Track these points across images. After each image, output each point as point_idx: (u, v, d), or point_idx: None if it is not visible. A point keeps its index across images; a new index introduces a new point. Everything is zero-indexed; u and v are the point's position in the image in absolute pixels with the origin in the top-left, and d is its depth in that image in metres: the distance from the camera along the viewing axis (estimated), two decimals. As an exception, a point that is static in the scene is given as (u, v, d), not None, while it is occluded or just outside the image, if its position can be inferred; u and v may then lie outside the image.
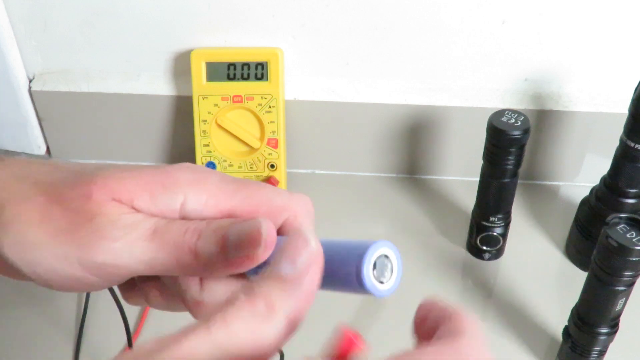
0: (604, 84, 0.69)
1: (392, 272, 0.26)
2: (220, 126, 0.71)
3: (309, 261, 0.26)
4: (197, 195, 0.31)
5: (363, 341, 0.25)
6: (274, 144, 0.71)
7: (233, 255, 0.29)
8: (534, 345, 0.58)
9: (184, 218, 0.31)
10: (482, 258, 0.66)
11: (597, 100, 0.69)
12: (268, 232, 0.29)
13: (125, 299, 0.36)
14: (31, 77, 0.74)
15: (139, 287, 0.35)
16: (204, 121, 0.70)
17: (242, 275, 0.31)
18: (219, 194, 0.31)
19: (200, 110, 0.70)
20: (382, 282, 0.26)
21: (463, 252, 0.67)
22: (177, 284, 0.32)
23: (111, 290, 0.54)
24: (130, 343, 0.57)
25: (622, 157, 0.57)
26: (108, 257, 0.30)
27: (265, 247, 0.29)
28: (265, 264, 0.29)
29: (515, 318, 0.61)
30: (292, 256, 0.26)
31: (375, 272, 0.26)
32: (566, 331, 0.54)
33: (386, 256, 0.26)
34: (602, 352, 0.54)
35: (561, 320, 0.56)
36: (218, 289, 0.32)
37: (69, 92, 0.73)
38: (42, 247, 0.30)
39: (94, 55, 0.73)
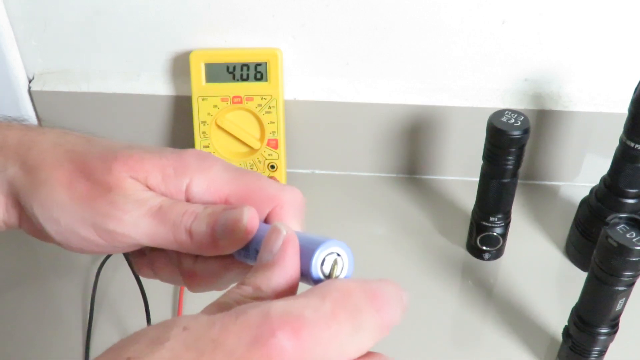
0: (604, 84, 0.69)
1: (342, 269, 0.30)
2: (220, 127, 0.71)
3: (283, 246, 0.29)
4: (200, 181, 0.35)
5: None
6: (274, 144, 0.71)
7: (220, 237, 0.33)
8: (534, 345, 0.58)
9: (188, 199, 0.35)
10: (482, 258, 0.66)
11: (597, 100, 0.69)
12: (249, 221, 0.33)
13: (137, 269, 0.40)
14: (31, 77, 0.74)
15: (147, 256, 0.39)
16: (204, 122, 0.70)
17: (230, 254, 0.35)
18: (219, 181, 0.35)
19: (200, 112, 0.70)
20: (327, 276, 0.29)
21: (463, 252, 0.67)
22: (176, 256, 0.37)
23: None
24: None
25: (622, 157, 0.57)
26: (118, 226, 0.34)
27: (245, 234, 0.33)
28: (250, 250, 0.33)
29: (515, 318, 0.61)
30: (269, 245, 0.29)
31: (323, 267, 0.29)
32: (566, 331, 0.54)
33: (338, 254, 0.29)
34: (602, 352, 0.54)
35: (561, 320, 0.56)
36: (209, 263, 0.36)
37: (69, 92, 0.73)
38: (64, 208, 0.35)
39: (94, 55, 0.73)
